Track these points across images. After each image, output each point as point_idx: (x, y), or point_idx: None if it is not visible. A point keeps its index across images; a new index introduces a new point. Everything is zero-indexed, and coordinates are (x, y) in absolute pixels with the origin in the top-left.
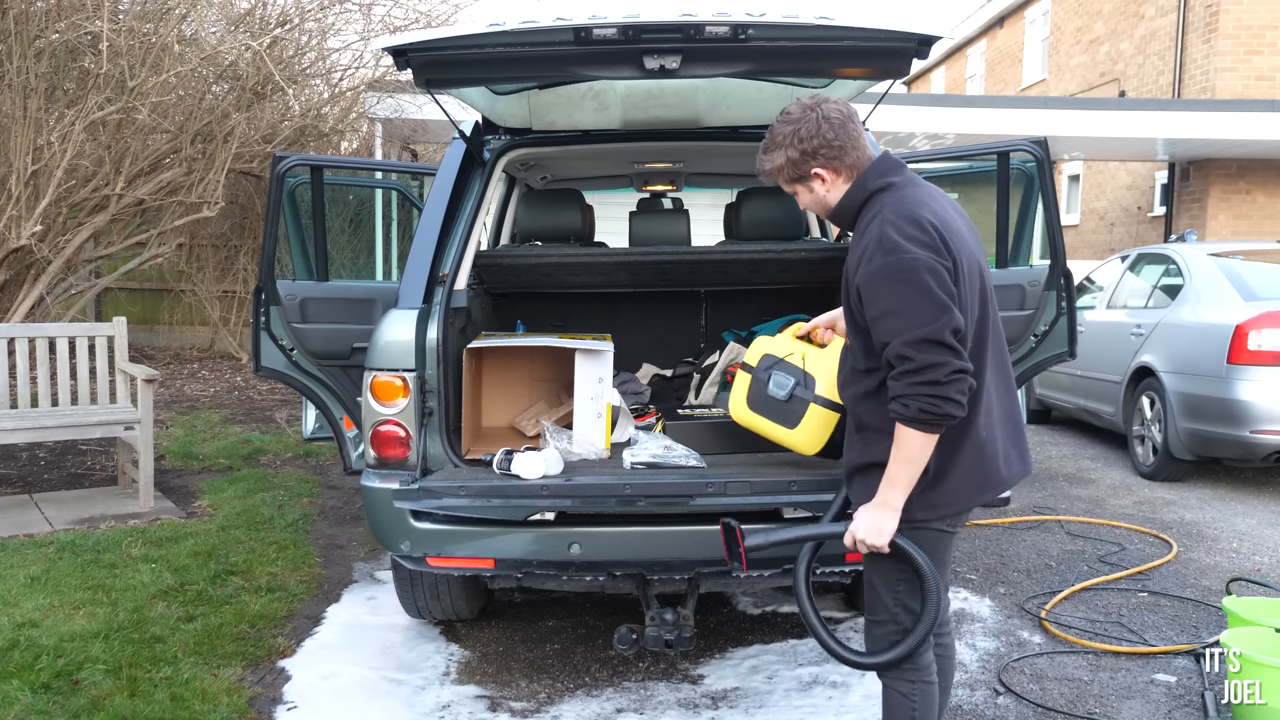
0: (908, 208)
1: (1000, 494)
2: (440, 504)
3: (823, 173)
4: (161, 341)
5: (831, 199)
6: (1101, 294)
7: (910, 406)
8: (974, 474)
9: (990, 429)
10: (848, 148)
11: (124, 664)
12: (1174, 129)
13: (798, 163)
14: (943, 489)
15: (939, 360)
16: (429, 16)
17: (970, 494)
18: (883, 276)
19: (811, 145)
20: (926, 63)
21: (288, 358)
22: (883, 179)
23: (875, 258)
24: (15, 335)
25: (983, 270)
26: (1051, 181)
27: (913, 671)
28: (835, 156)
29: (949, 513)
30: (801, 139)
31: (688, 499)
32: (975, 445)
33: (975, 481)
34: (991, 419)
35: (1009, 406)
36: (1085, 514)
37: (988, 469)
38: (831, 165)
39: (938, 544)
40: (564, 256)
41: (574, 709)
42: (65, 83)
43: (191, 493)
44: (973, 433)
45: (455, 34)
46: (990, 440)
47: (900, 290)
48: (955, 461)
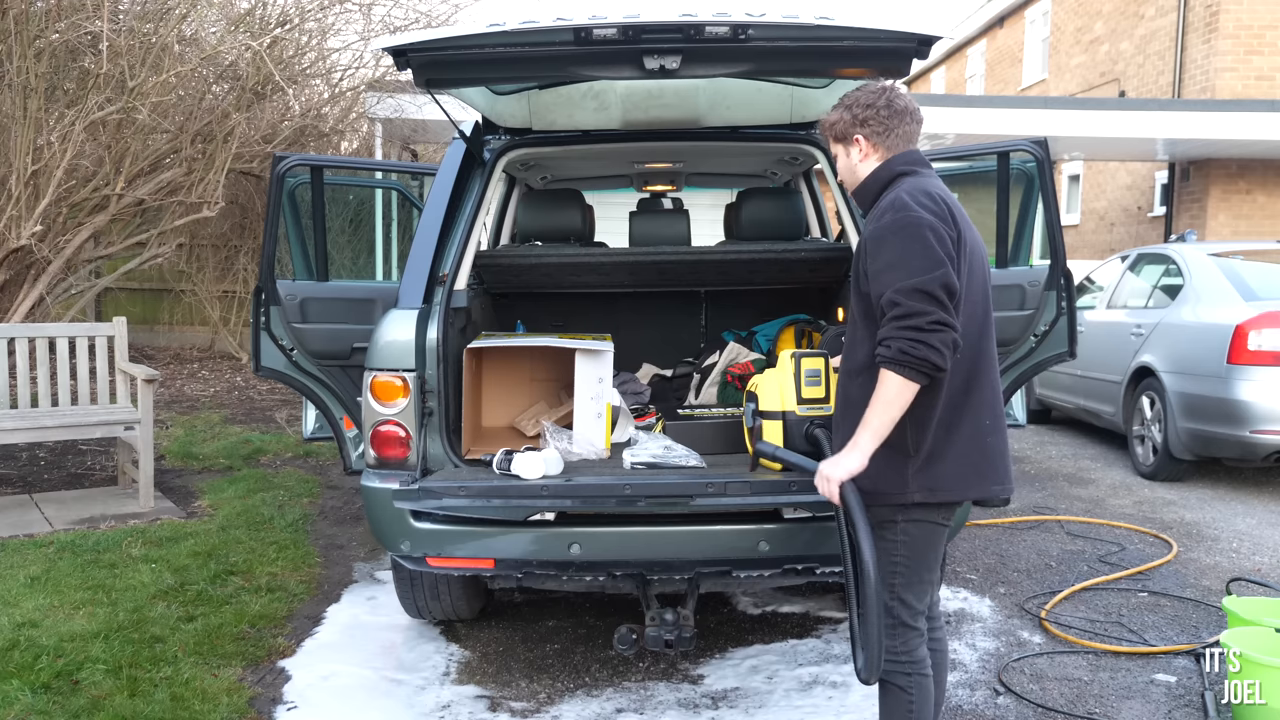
0: (923, 186)
1: (999, 494)
2: (440, 504)
3: (863, 140)
4: (161, 341)
5: (862, 171)
6: (1101, 294)
7: (891, 347)
8: (976, 461)
9: (997, 423)
10: (895, 132)
11: (124, 664)
12: (1174, 129)
13: (849, 123)
14: (940, 470)
15: (924, 308)
16: (429, 16)
17: (969, 482)
18: (889, 231)
19: (865, 114)
20: (926, 63)
21: (288, 358)
22: (908, 166)
23: (886, 215)
24: (15, 335)
25: (985, 268)
26: (1051, 181)
27: (909, 664)
28: (880, 133)
29: (946, 498)
30: (862, 106)
31: (688, 499)
32: (977, 432)
33: (977, 469)
34: (999, 416)
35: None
36: (1085, 514)
37: (992, 460)
38: (873, 139)
39: (936, 536)
40: (564, 256)
41: (574, 709)
42: (65, 83)
43: (191, 493)
44: (973, 418)
45: (455, 34)
46: (996, 433)
47: (903, 243)
48: (953, 443)
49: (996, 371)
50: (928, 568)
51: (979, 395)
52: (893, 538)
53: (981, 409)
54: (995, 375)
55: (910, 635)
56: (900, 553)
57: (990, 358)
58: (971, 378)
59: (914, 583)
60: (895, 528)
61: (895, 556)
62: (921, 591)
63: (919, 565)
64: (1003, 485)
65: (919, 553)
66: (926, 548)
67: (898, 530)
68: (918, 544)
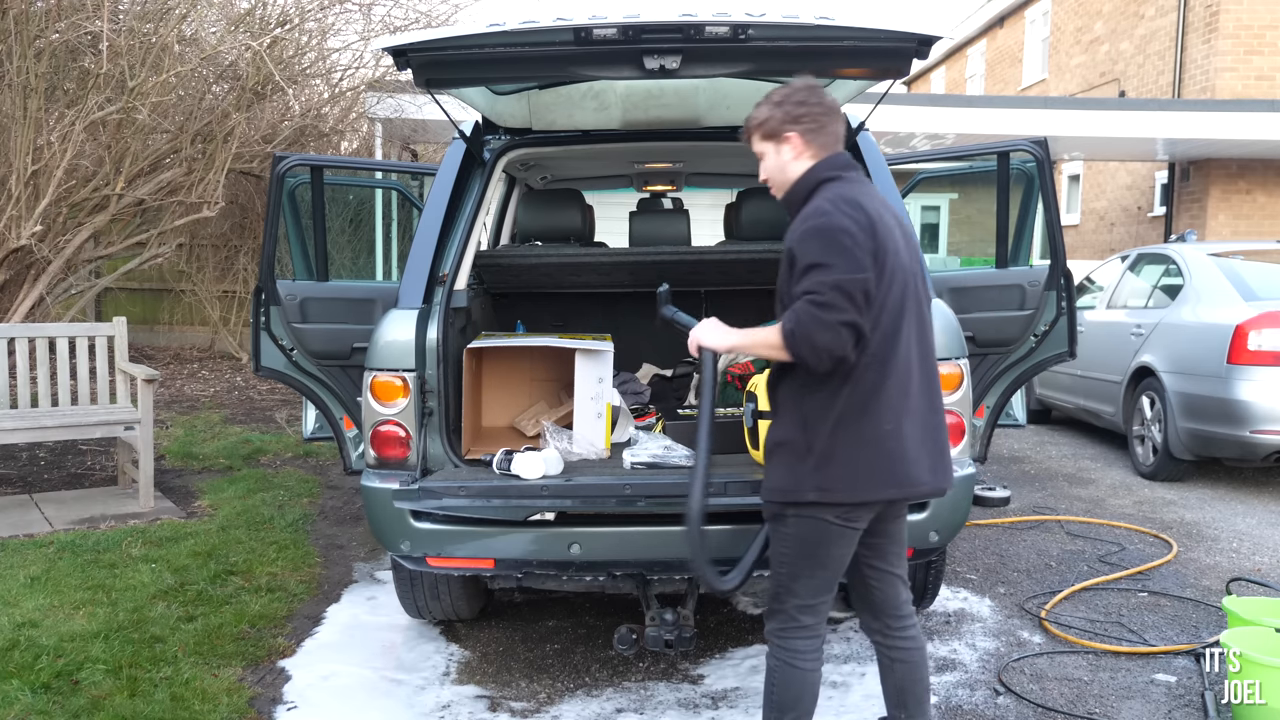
0: (848, 194)
1: (897, 496)
2: (440, 504)
3: (795, 138)
4: (161, 341)
5: (793, 171)
6: (1101, 294)
7: (791, 319)
8: (872, 463)
9: (898, 427)
10: (828, 130)
11: (124, 664)
12: (1174, 129)
13: (781, 120)
14: (832, 470)
15: (838, 303)
16: (429, 16)
17: (863, 484)
18: (813, 235)
19: (798, 111)
20: (926, 63)
21: (288, 358)
22: (833, 172)
23: (810, 219)
24: (15, 335)
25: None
26: (1051, 181)
27: (780, 650)
28: (814, 130)
29: (840, 499)
30: (795, 103)
31: (688, 499)
32: (875, 435)
33: (874, 471)
34: (900, 419)
35: (931, 423)
36: (1085, 514)
37: (890, 463)
38: (806, 136)
39: (826, 535)
40: (564, 256)
41: (574, 709)
42: (65, 83)
43: (191, 493)
44: (872, 421)
45: (455, 34)
46: (896, 437)
47: (826, 246)
48: (849, 446)
49: (913, 377)
50: (821, 565)
51: (884, 400)
52: (784, 530)
53: (883, 413)
54: (910, 381)
55: (791, 626)
56: (788, 546)
57: (902, 365)
58: (879, 383)
59: (802, 577)
60: (787, 521)
61: (783, 548)
62: (817, 588)
63: (809, 562)
64: (903, 488)
65: (808, 550)
66: (817, 546)
67: (788, 524)
68: (807, 541)
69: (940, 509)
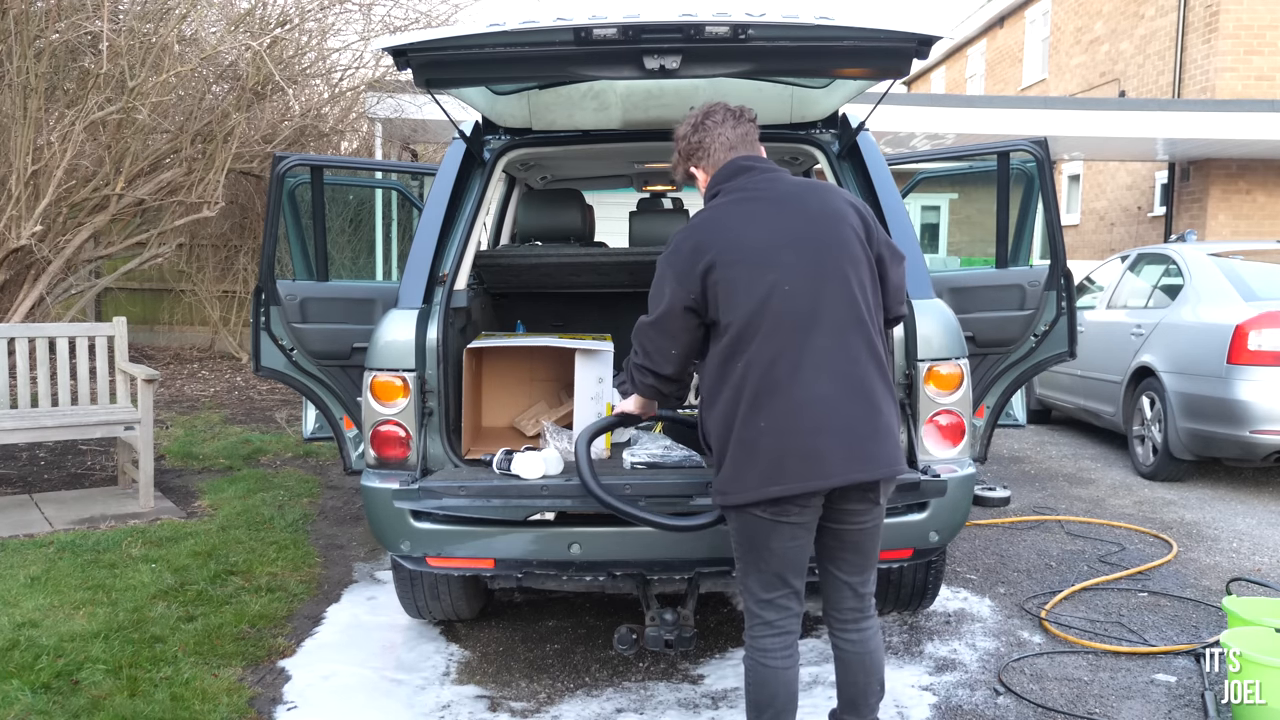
0: (705, 213)
1: (779, 494)
2: (440, 504)
3: (697, 171)
4: (161, 341)
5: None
6: (1101, 294)
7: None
8: (748, 464)
9: (790, 422)
10: (707, 146)
11: (124, 664)
12: (1174, 129)
13: (680, 162)
14: (724, 472)
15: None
16: (429, 16)
17: (745, 484)
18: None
19: (683, 146)
20: (926, 63)
21: (288, 358)
22: (715, 188)
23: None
24: (15, 335)
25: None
26: (1051, 181)
27: (751, 649)
28: (699, 154)
29: (736, 501)
30: (679, 140)
31: (688, 499)
32: (739, 441)
33: (756, 473)
34: (795, 414)
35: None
36: (1085, 514)
37: (761, 464)
38: (700, 164)
39: (758, 530)
40: (564, 256)
41: (574, 709)
42: (65, 83)
43: (191, 493)
44: (749, 424)
45: (455, 34)
46: (775, 434)
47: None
48: (730, 449)
49: (797, 372)
50: (763, 559)
51: (763, 401)
52: (731, 529)
53: (757, 414)
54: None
55: (756, 624)
56: (735, 542)
57: (786, 364)
58: (763, 387)
59: (752, 572)
60: (729, 519)
61: (733, 545)
62: (766, 583)
63: (752, 556)
64: (786, 484)
65: (748, 545)
66: (753, 540)
67: (731, 522)
68: (744, 536)
69: (940, 509)
